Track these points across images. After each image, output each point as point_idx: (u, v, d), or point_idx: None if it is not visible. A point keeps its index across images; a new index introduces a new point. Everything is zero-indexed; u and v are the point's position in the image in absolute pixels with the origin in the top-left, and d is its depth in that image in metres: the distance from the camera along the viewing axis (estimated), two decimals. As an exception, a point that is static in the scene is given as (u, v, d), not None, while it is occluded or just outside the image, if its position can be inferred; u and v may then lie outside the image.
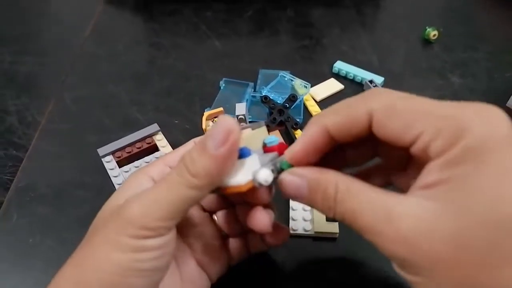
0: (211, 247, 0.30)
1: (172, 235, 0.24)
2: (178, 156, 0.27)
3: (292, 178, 0.24)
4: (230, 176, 0.24)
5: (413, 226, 0.19)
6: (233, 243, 0.31)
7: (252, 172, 0.24)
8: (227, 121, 0.23)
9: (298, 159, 0.25)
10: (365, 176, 0.27)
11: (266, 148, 0.27)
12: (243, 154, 0.24)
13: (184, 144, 0.30)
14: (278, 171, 0.25)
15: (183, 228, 0.29)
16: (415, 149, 0.21)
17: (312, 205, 0.24)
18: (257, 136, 0.27)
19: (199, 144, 0.23)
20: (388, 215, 0.20)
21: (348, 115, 0.23)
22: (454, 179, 0.19)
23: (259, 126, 0.27)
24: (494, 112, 0.21)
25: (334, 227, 0.35)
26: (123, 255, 0.22)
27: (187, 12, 0.60)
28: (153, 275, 0.24)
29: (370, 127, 0.23)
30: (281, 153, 0.26)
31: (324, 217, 0.36)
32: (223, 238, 0.31)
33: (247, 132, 0.26)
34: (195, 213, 0.30)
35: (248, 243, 0.32)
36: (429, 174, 0.20)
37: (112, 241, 0.23)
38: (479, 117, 0.20)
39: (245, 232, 0.31)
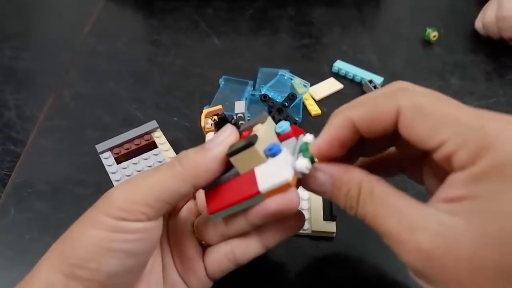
0: (187, 255, 0.28)
1: (151, 224, 0.24)
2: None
3: (316, 174, 0.24)
4: (269, 177, 0.23)
5: (434, 242, 0.19)
6: (212, 253, 0.28)
7: (291, 165, 0.23)
8: (228, 128, 0.25)
9: (323, 152, 0.24)
10: (378, 162, 0.27)
11: (280, 137, 0.26)
12: (275, 152, 0.23)
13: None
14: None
15: (169, 234, 0.29)
16: (438, 156, 0.21)
17: (334, 201, 0.24)
18: (270, 129, 0.26)
19: (199, 147, 0.25)
20: (411, 226, 0.20)
21: (375, 110, 0.22)
22: (478, 197, 0.19)
23: (265, 119, 0.26)
24: None
25: (331, 227, 0.35)
26: (98, 231, 0.23)
27: (187, 9, 0.60)
28: (125, 258, 0.24)
29: (395, 123, 0.22)
30: (296, 135, 0.26)
31: (321, 216, 0.36)
32: (202, 249, 0.29)
33: (262, 129, 0.25)
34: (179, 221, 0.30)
35: (235, 251, 0.28)
36: (452, 187, 0.20)
37: (92, 219, 0.24)
38: (509, 131, 0.19)
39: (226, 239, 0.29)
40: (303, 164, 0.23)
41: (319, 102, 0.48)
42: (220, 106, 0.43)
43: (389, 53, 0.54)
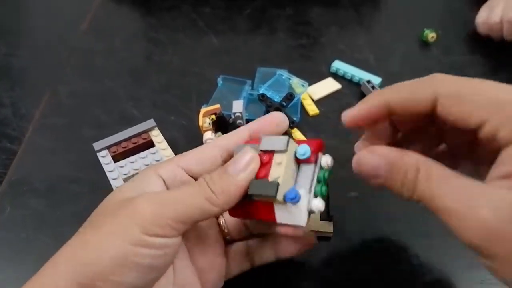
0: (212, 251, 0.29)
1: (177, 239, 0.24)
2: (191, 159, 0.28)
3: (371, 157, 0.24)
4: (287, 216, 0.25)
5: (495, 216, 0.20)
6: (235, 250, 0.31)
7: (307, 209, 0.25)
8: (249, 152, 0.25)
9: (353, 121, 0.26)
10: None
11: (299, 161, 0.26)
12: (295, 200, 0.24)
13: (199, 148, 0.29)
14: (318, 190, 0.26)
15: (190, 233, 0.29)
16: (482, 135, 0.22)
17: (388, 185, 0.24)
18: (290, 157, 0.26)
19: (220, 168, 0.25)
20: (471, 203, 0.20)
21: (413, 94, 0.24)
22: None
23: (285, 144, 0.26)
24: None
25: (328, 227, 0.35)
26: (128, 245, 0.23)
27: (185, 8, 0.60)
28: (148, 273, 0.24)
29: (432, 110, 0.23)
30: (315, 159, 0.26)
31: (319, 216, 0.36)
32: (225, 244, 0.31)
33: (284, 166, 0.25)
34: None
35: (253, 251, 0.31)
36: (505, 164, 0.21)
37: (121, 230, 0.23)
38: None
39: (250, 236, 0.31)
40: (318, 207, 0.25)
41: (317, 102, 0.47)
42: (218, 105, 0.43)
43: (386, 53, 0.54)
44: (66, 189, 0.39)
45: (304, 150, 0.25)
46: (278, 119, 0.29)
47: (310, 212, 0.25)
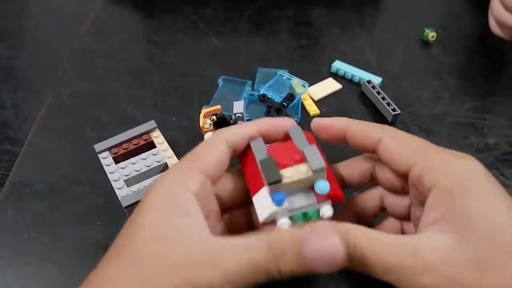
0: None
1: None
2: (212, 163, 0.27)
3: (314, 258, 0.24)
4: (260, 205, 0.26)
5: (438, 257, 0.22)
6: None
7: (273, 216, 0.26)
8: (336, 246, 0.22)
9: (316, 126, 0.30)
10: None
11: (315, 193, 0.26)
12: (277, 200, 0.25)
13: (211, 142, 0.28)
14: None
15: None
16: (412, 176, 0.26)
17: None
18: (313, 177, 0.26)
19: (297, 246, 0.22)
20: (414, 251, 0.23)
21: (366, 130, 0.29)
22: (453, 210, 0.23)
23: (320, 170, 0.25)
24: (474, 160, 0.26)
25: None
26: None
27: (186, 9, 0.60)
28: None
29: (376, 146, 0.28)
30: (334, 200, 0.27)
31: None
32: None
33: (304, 173, 0.26)
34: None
35: None
36: (431, 210, 0.24)
37: None
38: (463, 159, 0.26)
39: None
40: (281, 224, 0.26)
41: (318, 102, 0.48)
42: (218, 106, 0.43)
43: (387, 53, 0.54)
44: (68, 190, 0.40)
45: (324, 188, 0.25)
46: (289, 125, 0.29)
47: (272, 220, 0.26)
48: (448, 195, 0.24)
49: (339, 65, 0.51)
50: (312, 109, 0.46)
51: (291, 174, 0.26)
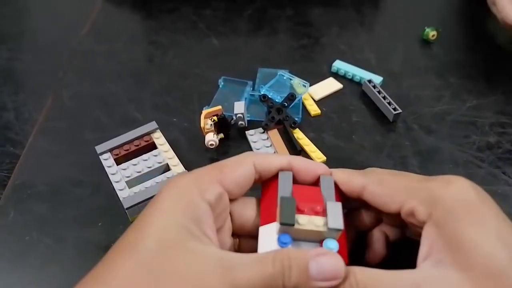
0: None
1: None
2: (232, 180, 0.27)
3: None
4: (266, 241, 0.26)
5: None
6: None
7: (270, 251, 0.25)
8: (339, 264, 0.23)
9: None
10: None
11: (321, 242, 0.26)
12: (282, 243, 0.25)
13: (241, 160, 0.28)
14: None
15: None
16: (403, 215, 0.27)
17: None
18: (326, 233, 0.26)
19: (303, 263, 0.23)
20: (416, 284, 0.23)
21: (349, 177, 0.29)
22: (448, 243, 0.24)
23: (336, 230, 0.25)
24: (461, 181, 0.26)
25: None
26: None
27: (186, 10, 0.60)
28: None
29: (361, 193, 0.28)
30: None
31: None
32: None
33: (319, 226, 0.25)
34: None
35: None
36: (426, 244, 0.25)
37: None
38: (449, 185, 0.26)
39: None
40: None
41: (319, 102, 0.47)
42: (219, 107, 0.43)
43: (387, 52, 0.54)
44: (69, 192, 0.40)
45: (332, 248, 0.25)
46: (317, 169, 0.29)
47: None
48: (440, 228, 0.24)
49: (339, 65, 0.50)
50: (313, 109, 0.46)
51: (305, 222, 0.25)
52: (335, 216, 0.25)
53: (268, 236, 0.26)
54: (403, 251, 0.29)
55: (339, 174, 0.29)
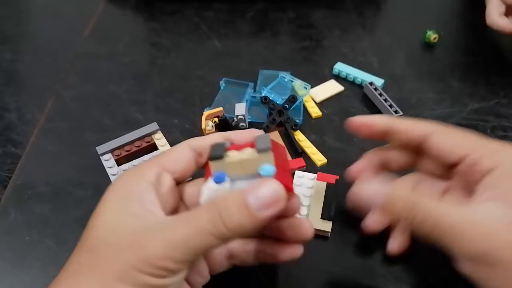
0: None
1: (184, 272, 0.24)
2: (173, 159, 0.28)
3: (368, 188, 0.30)
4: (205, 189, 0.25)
5: (494, 224, 0.25)
6: (216, 254, 0.30)
7: (210, 194, 0.25)
8: (277, 188, 0.24)
9: (357, 123, 0.32)
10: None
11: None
12: (217, 177, 0.25)
13: (176, 146, 0.29)
14: None
15: None
16: (464, 165, 0.28)
17: (384, 214, 0.29)
18: (259, 160, 0.25)
19: (240, 199, 0.23)
20: (472, 217, 0.25)
21: (413, 126, 0.31)
22: (503, 193, 0.26)
23: (266, 150, 0.25)
24: None
25: (327, 226, 0.36)
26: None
27: (188, 12, 0.60)
28: None
29: (421, 142, 0.30)
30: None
31: (319, 214, 0.36)
32: None
33: (248, 154, 0.25)
34: None
35: (234, 255, 0.30)
36: (487, 190, 0.27)
37: (127, 275, 0.22)
38: (509, 147, 0.28)
39: None
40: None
41: (320, 104, 0.47)
42: (220, 108, 0.43)
43: (389, 55, 0.54)
44: (70, 192, 0.40)
45: (269, 171, 0.25)
46: (258, 134, 0.29)
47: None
48: (506, 177, 0.26)
49: (341, 67, 0.51)
50: (314, 111, 0.46)
51: (235, 154, 0.25)
52: (263, 140, 0.25)
53: (207, 186, 0.25)
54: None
55: (402, 121, 0.31)
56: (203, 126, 0.42)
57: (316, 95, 0.48)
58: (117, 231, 0.24)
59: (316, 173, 0.39)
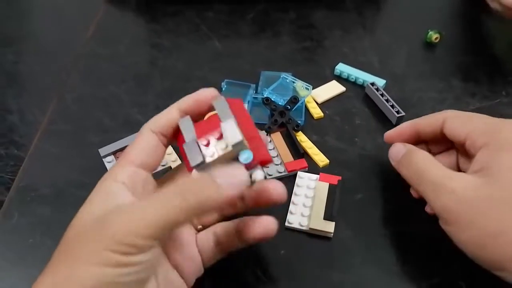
0: (186, 244, 0.29)
1: (154, 250, 0.24)
2: (141, 151, 0.28)
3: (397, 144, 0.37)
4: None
5: (465, 186, 0.30)
6: (204, 242, 0.30)
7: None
8: (241, 173, 0.26)
9: (390, 138, 0.38)
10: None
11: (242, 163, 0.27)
12: (197, 163, 0.27)
13: (139, 134, 0.30)
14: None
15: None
16: (467, 144, 0.33)
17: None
18: (236, 150, 0.27)
19: (207, 177, 0.25)
20: (450, 176, 0.31)
21: (431, 118, 0.36)
22: (491, 163, 0.30)
23: (237, 143, 0.27)
24: None
25: (330, 227, 0.36)
26: (106, 269, 0.22)
27: (189, 13, 0.60)
28: (134, 287, 0.24)
29: (442, 128, 0.35)
30: (262, 163, 0.28)
31: (322, 215, 0.36)
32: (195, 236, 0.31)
33: (224, 149, 0.27)
34: None
35: (221, 239, 0.30)
36: (476, 163, 0.31)
37: (95, 255, 0.23)
38: (508, 124, 0.32)
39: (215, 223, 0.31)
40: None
41: (322, 105, 0.48)
42: (222, 109, 0.43)
43: (390, 55, 0.54)
44: (73, 194, 0.40)
45: (247, 158, 0.26)
46: (204, 96, 0.31)
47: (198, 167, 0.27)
48: (491, 153, 0.30)
49: (342, 68, 0.51)
50: (316, 112, 0.46)
51: (213, 152, 0.27)
52: (231, 132, 0.27)
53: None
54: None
55: (422, 118, 0.37)
56: (205, 127, 0.42)
57: (317, 96, 0.48)
58: (89, 220, 0.25)
59: (318, 174, 0.39)
